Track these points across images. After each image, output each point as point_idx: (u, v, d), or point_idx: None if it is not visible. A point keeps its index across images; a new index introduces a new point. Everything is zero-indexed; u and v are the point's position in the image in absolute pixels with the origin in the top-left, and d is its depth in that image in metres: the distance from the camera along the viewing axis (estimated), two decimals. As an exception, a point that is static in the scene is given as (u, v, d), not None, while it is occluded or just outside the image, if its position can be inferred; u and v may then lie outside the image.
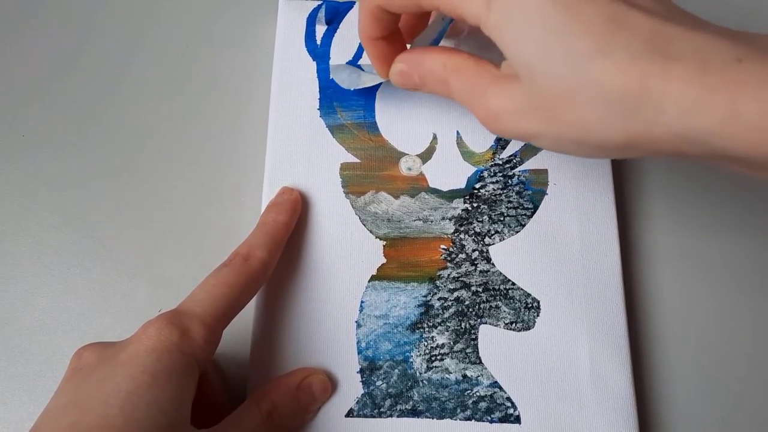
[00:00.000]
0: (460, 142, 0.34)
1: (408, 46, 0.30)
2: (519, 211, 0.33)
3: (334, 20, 0.36)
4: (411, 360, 0.31)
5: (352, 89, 0.33)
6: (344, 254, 0.32)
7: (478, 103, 0.25)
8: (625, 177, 0.35)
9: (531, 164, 0.34)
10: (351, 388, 0.30)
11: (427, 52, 0.27)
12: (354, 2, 0.36)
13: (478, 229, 0.33)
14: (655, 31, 0.21)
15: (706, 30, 0.21)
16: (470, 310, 0.31)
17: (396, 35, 0.29)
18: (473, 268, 0.32)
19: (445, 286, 0.32)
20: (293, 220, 0.32)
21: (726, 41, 0.21)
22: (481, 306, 0.32)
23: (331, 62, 0.35)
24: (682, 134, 0.21)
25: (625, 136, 0.22)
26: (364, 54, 0.35)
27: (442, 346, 0.31)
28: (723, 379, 0.32)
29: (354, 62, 0.35)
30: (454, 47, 0.28)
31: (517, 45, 0.23)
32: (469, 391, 0.30)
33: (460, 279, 0.32)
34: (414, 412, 0.30)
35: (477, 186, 0.33)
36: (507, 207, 0.33)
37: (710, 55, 0.20)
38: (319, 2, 0.36)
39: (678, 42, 0.21)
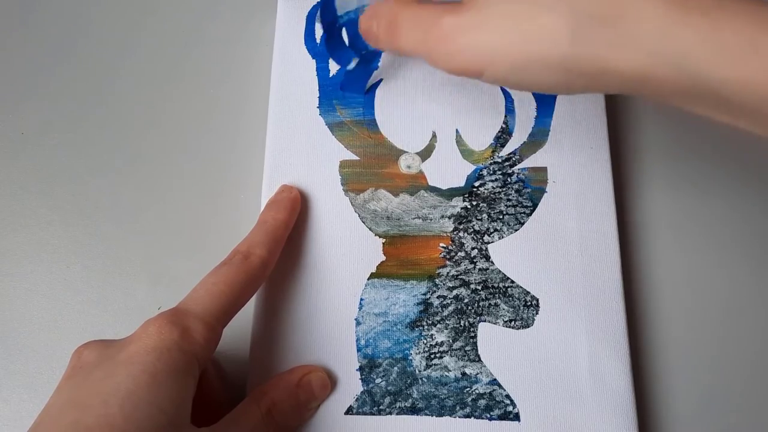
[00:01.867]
0: (459, 140, 0.34)
1: None
2: (518, 209, 0.33)
3: (328, 21, 0.35)
4: (410, 358, 0.31)
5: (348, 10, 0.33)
6: (343, 252, 0.32)
7: (436, 45, 0.24)
8: (625, 174, 0.35)
9: (530, 162, 0.34)
10: (350, 386, 0.30)
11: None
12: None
13: (477, 228, 0.33)
14: None
15: None
16: (469, 308, 0.32)
17: None
18: (472, 266, 0.32)
19: (444, 284, 0.32)
20: (293, 218, 0.32)
21: None
22: (480, 304, 0.32)
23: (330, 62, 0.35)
24: (654, 52, 0.20)
25: (593, 53, 0.21)
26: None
27: (442, 343, 0.31)
28: (722, 377, 0.32)
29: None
30: None
31: None
32: (468, 389, 0.30)
33: (460, 277, 0.32)
34: (413, 410, 0.30)
35: (476, 184, 0.33)
36: (506, 205, 0.33)
37: None
38: (319, 0, 0.36)
39: None
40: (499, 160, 0.34)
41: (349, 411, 0.30)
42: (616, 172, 0.34)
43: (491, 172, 0.34)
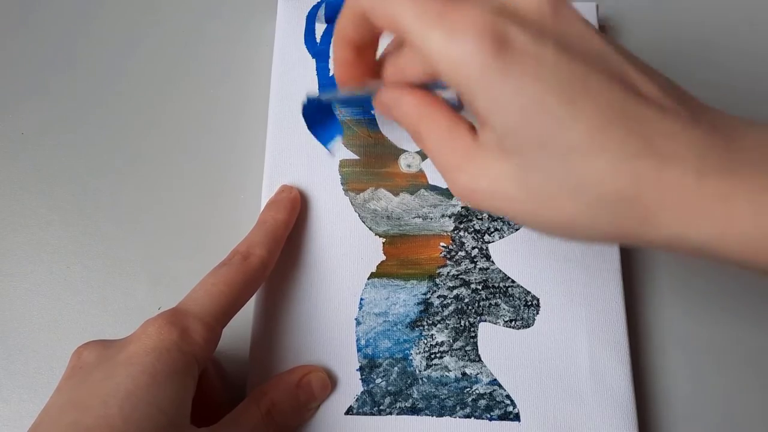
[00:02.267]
0: (459, 139, 0.34)
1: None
2: (519, 208, 0.33)
3: (334, 18, 0.35)
4: (410, 358, 0.31)
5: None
6: (343, 251, 0.32)
7: (451, 174, 0.23)
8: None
9: (531, 161, 0.34)
10: (350, 386, 0.30)
11: (405, 93, 0.24)
12: None
13: (477, 227, 0.33)
14: (653, 125, 0.20)
15: (700, 123, 0.20)
16: (470, 307, 0.31)
17: (369, 51, 0.26)
18: (473, 265, 0.32)
19: (444, 284, 0.32)
20: (293, 218, 0.32)
21: (720, 139, 0.20)
22: (481, 304, 0.32)
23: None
24: (676, 239, 0.20)
25: (614, 235, 0.21)
26: None
27: (442, 343, 0.31)
28: (723, 377, 0.32)
29: None
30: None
31: (511, 124, 0.20)
32: (468, 389, 0.30)
33: (460, 277, 0.32)
34: (413, 410, 0.30)
35: (476, 183, 0.33)
36: (507, 204, 0.33)
37: (706, 158, 0.19)
38: (319, 0, 0.36)
39: (675, 140, 0.20)
40: (500, 160, 0.34)
41: (349, 411, 0.30)
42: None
43: (492, 171, 0.33)
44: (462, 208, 0.33)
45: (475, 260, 0.32)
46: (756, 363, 0.32)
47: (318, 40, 0.35)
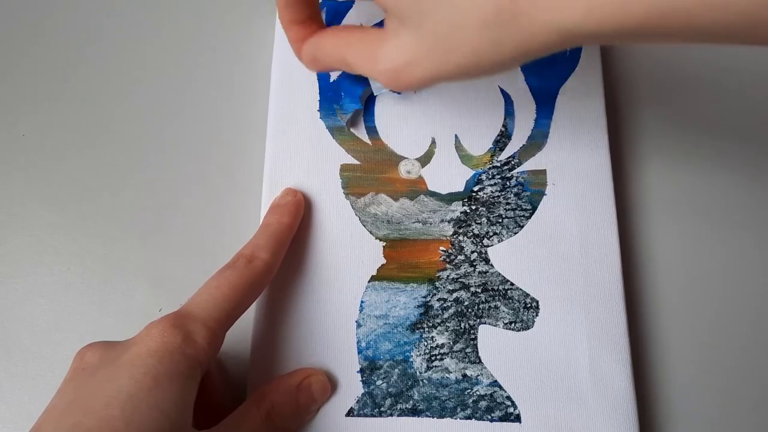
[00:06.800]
0: (458, 145, 0.34)
1: None
2: (517, 212, 0.33)
3: (334, 21, 0.36)
4: (411, 360, 0.31)
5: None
6: (344, 255, 0.32)
7: (376, 68, 0.26)
8: (624, 176, 0.36)
9: (529, 165, 0.34)
10: (351, 388, 0.30)
11: (322, 36, 0.29)
12: (354, 2, 0.36)
13: (476, 231, 0.33)
14: None
15: None
16: (469, 310, 0.32)
17: (313, 19, 0.29)
18: (472, 269, 0.32)
19: (444, 287, 0.32)
20: (296, 222, 0.32)
21: None
22: (480, 306, 0.32)
23: None
24: (557, 32, 0.21)
25: (515, 49, 0.22)
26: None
27: (442, 345, 0.31)
28: (723, 378, 0.33)
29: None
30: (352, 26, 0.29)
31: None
32: (469, 391, 0.31)
33: (459, 280, 0.32)
34: (414, 412, 0.30)
35: (475, 189, 0.34)
36: (505, 209, 0.33)
37: None
38: (320, 2, 0.36)
39: None
40: (498, 164, 0.34)
41: (350, 413, 0.30)
42: (617, 173, 0.34)
43: (490, 176, 0.34)
44: (461, 213, 0.33)
45: (475, 264, 0.32)
46: (758, 364, 0.33)
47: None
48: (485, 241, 0.33)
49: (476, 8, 0.22)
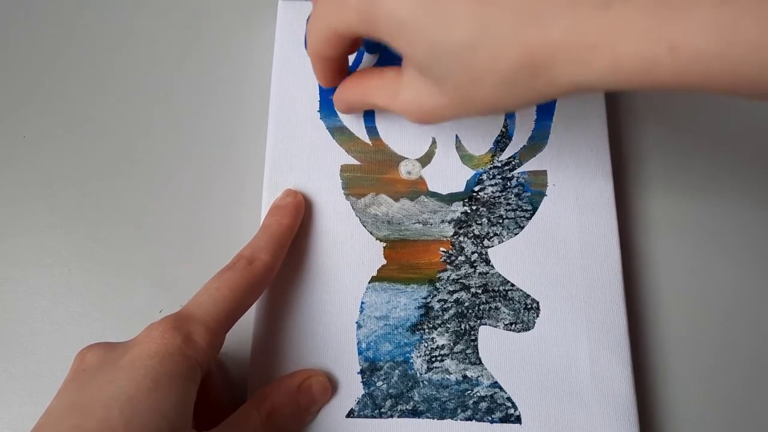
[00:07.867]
0: (459, 146, 0.34)
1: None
2: (518, 213, 0.33)
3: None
4: (411, 361, 0.31)
5: None
6: (345, 255, 0.32)
7: (396, 105, 0.28)
8: (625, 177, 0.36)
9: (530, 166, 0.34)
10: (351, 389, 0.30)
11: (345, 87, 0.31)
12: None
13: (477, 232, 0.33)
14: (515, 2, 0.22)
15: None
16: (470, 311, 0.32)
17: (343, 56, 0.30)
18: (472, 270, 0.32)
19: (444, 288, 0.32)
20: (297, 223, 0.32)
21: None
22: (481, 307, 0.32)
23: None
24: (577, 87, 0.22)
25: (530, 100, 0.23)
26: (364, 58, 0.35)
27: (442, 347, 0.31)
28: (724, 378, 0.33)
29: (353, 68, 0.35)
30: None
31: (410, 50, 0.25)
32: (469, 392, 0.30)
33: (460, 281, 0.32)
34: (414, 413, 0.30)
35: (476, 189, 0.33)
36: (506, 209, 0.33)
37: (581, 10, 0.21)
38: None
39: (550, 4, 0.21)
40: (499, 165, 0.34)
41: (350, 414, 0.30)
42: (617, 174, 0.34)
43: (491, 176, 0.34)
44: (461, 213, 0.33)
45: (475, 265, 0.32)
46: (758, 365, 0.33)
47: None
48: (486, 242, 0.33)
49: (496, 64, 0.22)
